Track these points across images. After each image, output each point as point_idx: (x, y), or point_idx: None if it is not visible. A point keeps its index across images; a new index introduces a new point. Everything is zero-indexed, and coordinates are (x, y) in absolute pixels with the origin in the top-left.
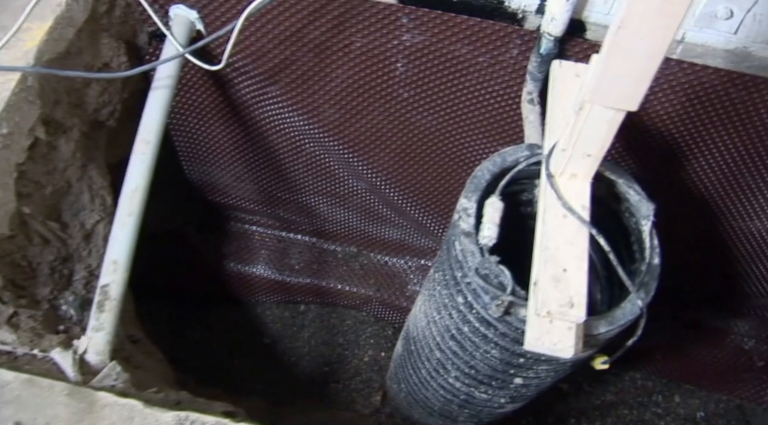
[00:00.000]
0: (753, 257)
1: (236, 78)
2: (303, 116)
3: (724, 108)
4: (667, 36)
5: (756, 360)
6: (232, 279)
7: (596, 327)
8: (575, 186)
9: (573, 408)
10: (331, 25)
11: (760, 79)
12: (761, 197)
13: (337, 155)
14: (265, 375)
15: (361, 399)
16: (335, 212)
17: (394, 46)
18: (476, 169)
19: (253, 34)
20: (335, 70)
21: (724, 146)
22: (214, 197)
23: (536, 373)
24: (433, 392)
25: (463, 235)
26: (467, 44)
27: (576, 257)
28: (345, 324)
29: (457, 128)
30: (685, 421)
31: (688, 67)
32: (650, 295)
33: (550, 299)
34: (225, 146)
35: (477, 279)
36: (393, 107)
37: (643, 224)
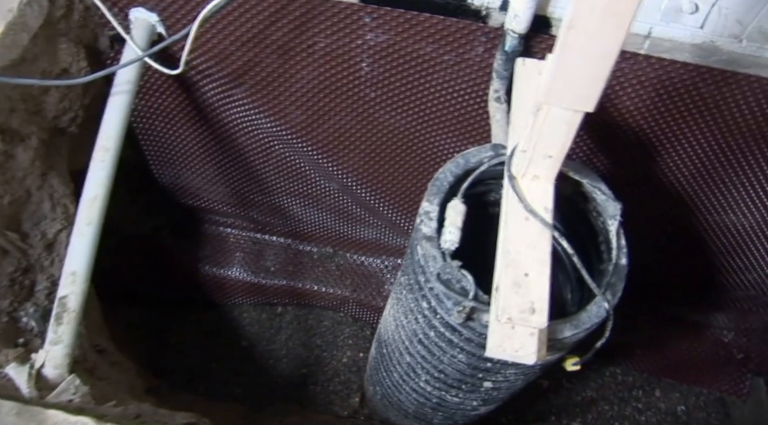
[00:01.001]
0: (729, 250)
1: (201, 81)
2: (270, 118)
3: (694, 103)
4: (619, 36)
5: (735, 352)
6: (208, 282)
7: (561, 331)
8: (538, 188)
9: (553, 405)
10: (293, 26)
11: (729, 73)
12: (734, 191)
13: (306, 157)
14: (243, 378)
15: (340, 400)
16: (309, 213)
17: (357, 46)
18: (438, 171)
19: (215, 37)
20: (300, 71)
21: (695, 141)
22: (187, 200)
23: (505, 377)
24: (406, 395)
25: (425, 239)
26: (431, 43)
27: (538, 261)
28: (323, 325)
29: (427, 127)
30: (665, 415)
31: (656, 62)
32: (617, 296)
33: (511, 305)
34: (194, 149)
35: (438, 285)
36: (360, 107)
37: (610, 224)
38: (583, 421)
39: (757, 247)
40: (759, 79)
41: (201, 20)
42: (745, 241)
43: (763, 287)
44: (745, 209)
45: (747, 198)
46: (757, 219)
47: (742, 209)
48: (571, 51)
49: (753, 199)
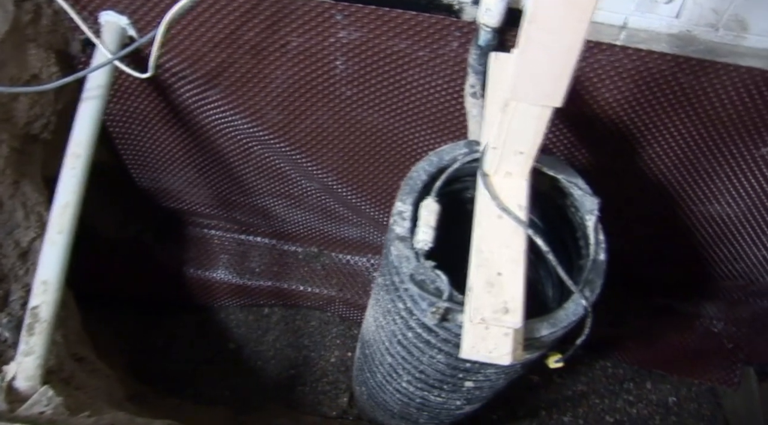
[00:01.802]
0: (716, 240)
1: (175, 83)
2: (246, 119)
3: (673, 93)
4: (580, 29)
5: (725, 342)
6: (193, 285)
7: (538, 330)
8: (511, 185)
9: (543, 399)
10: (264, 26)
11: (707, 62)
12: (718, 181)
13: (285, 157)
14: (231, 381)
15: (328, 401)
16: (292, 213)
17: (331, 44)
18: (411, 169)
19: (186, 38)
20: (274, 71)
21: (677, 132)
22: (169, 203)
23: (486, 376)
24: (390, 395)
25: (398, 240)
26: (405, 39)
27: (511, 260)
28: (310, 326)
29: (405, 124)
30: (657, 407)
31: (633, 53)
32: (596, 292)
33: (484, 306)
34: (172, 152)
35: (412, 286)
36: (337, 106)
37: (587, 219)
38: (574, 415)
39: (744, 236)
40: (737, 68)
41: (167, 23)
42: (731, 231)
43: (751, 277)
44: (729, 199)
45: (731, 188)
46: (742, 209)
47: (726, 199)
48: (534, 46)
49: (737, 188)
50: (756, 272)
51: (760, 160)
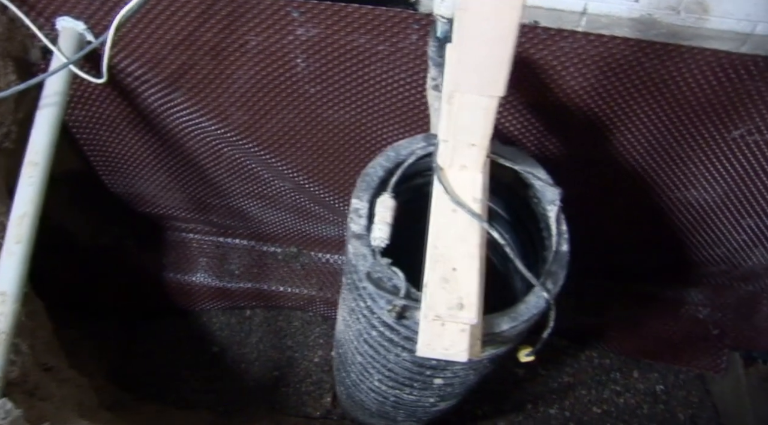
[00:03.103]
0: (695, 226)
1: (139, 87)
2: (212, 120)
3: (639, 78)
4: (514, 15)
5: (711, 328)
6: (174, 290)
7: (498, 325)
8: (466, 178)
9: (529, 393)
10: (222, 26)
11: (671, 46)
12: (692, 166)
13: (255, 157)
14: (215, 384)
15: (312, 401)
16: (269, 213)
17: (290, 42)
18: (368, 165)
19: (145, 41)
20: (236, 71)
21: (647, 118)
22: (144, 208)
23: (454, 373)
24: (366, 394)
25: (354, 237)
26: (364, 34)
27: (467, 254)
28: (292, 326)
29: (372, 119)
30: (645, 396)
31: (595, 38)
32: (559, 284)
33: (438, 302)
34: (142, 156)
35: (368, 284)
36: (302, 104)
37: (549, 210)
38: (561, 407)
39: (722, 221)
40: (702, 51)
41: (116, 26)
42: (710, 216)
43: (734, 262)
44: (705, 184)
45: (706, 173)
46: (719, 193)
47: (702, 184)
48: (469, 34)
49: (712, 173)
50: (738, 256)
51: (732, 144)
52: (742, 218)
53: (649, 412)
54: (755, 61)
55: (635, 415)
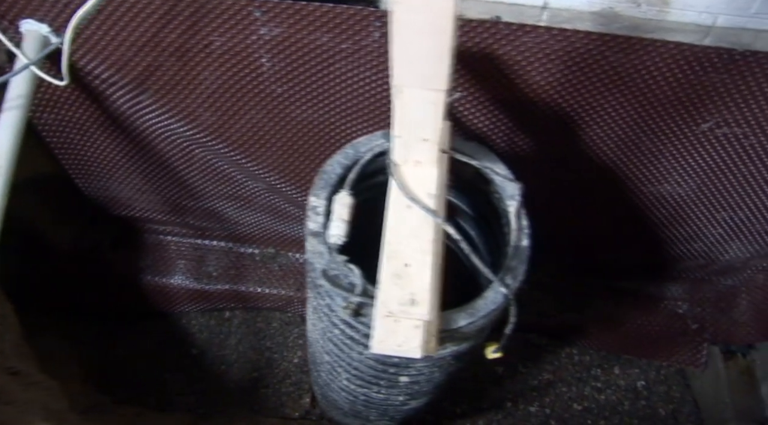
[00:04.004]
0: (671, 220)
1: (107, 90)
2: (181, 122)
3: (605, 72)
4: (447, 9)
5: (690, 323)
6: (153, 292)
7: (455, 321)
8: (421, 174)
9: (509, 391)
10: (185, 27)
11: (635, 39)
12: (664, 160)
13: (226, 158)
14: (195, 386)
15: (291, 402)
16: (244, 215)
17: (253, 42)
18: (325, 163)
19: (110, 44)
20: (201, 72)
21: (615, 112)
22: (120, 211)
23: (418, 370)
24: (337, 394)
25: (311, 235)
26: (326, 32)
27: (420, 250)
28: (271, 327)
29: (339, 118)
30: (626, 392)
31: (558, 33)
32: (518, 280)
33: (390, 298)
34: (115, 159)
35: (324, 281)
36: (269, 103)
37: (509, 204)
38: (541, 404)
39: (697, 215)
40: (665, 44)
41: (74, 27)
42: (684, 210)
43: (711, 256)
44: (678, 178)
45: (678, 167)
46: (692, 187)
47: (675, 179)
48: (405, 28)
49: (684, 167)
50: (715, 250)
51: (702, 137)
52: (716, 212)
53: (630, 408)
54: (719, 54)
55: (616, 411)
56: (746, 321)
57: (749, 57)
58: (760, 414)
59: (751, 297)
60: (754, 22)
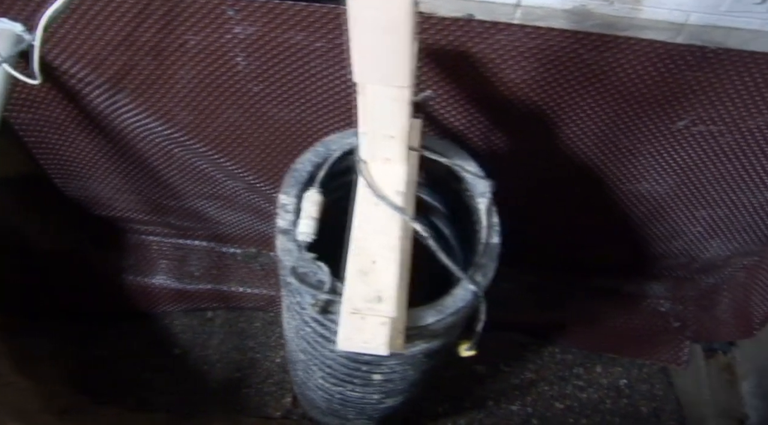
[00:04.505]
0: (650, 218)
1: (83, 89)
2: (158, 121)
3: (579, 70)
4: (404, 4)
5: (672, 321)
6: (134, 293)
7: (423, 318)
8: (389, 171)
9: (491, 390)
10: (160, 26)
11: (608, 37)
12: (641, 158)
13: (205, 157)
14: (177, 386)
15: (273, 402)
16: (225, 214)
17: (228, 41)
18: (296, 161)
19: (85, 42)
20: (177, 71)
21: (591, 110)
22: (101, 211)
23: (390, 368)
24: (314, 392)
25: (281, 233)
26: (300, 31)
27: (386, 247)
28: (254, 327)
29: (317, 117)
30: (608, 391)
31: (532, 31)
32: (488, 277)
33: (356, 295)
34: (94, 159)
35: (292, 279)
36: (246, 103)
37: (480, 202)
38: (523, 403)
39: (677, 213)
40: (639, 42)
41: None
42: (663, 208)
43: (692, 254)
44: (656, 176)
45: (655, 164)
46: (670, 185)
47: (653, 176)
48: (362, 23)
49: (661, 165)
50: (695, 248)
51: (678, 135)
52: (695, 210)
53: (612, 406)
54: (692, 52)
55: (598, 410)
56: (727, 319)
57: (722, 55)
58: (740, 410)
59: (732, 295)
60: (726, 20)
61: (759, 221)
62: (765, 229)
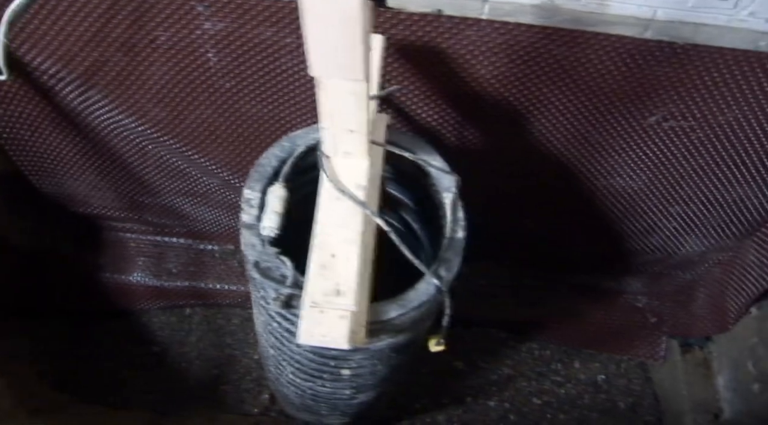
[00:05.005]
0: (626, 214)
1: (56, 85)
2: (132, 117)
3: (549, 66)
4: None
5: (649, 316)
6: (113, 290)
7: (386, 312)
8: (351, 165)
9: (469, 386)
10: (130, 22)
11: (577, 32)
12: (614, 154)
13: (178, 153)
14: (157, 384)
15: (251, 398)
16: (202, 211)
17: (198, 37)
18: (261, 156)
19: (55, 38)
20: (149, 67)
21: (562, 106)
22: (77, 208)
23: (358, 363)
24: (287, 388)
25: (245, 227)
26: (270, 27)
27: (347, 240)
28: (232, 324)
29: (290, 113)
30: (586, 386)
31: (500, 26)
32: (453, 272)
33: (316, 289)
34: (69, 156)
35: (255, 273)
36: (218, 99)
37: (445, 197)
38: (500, 399)
39: (651, 209)
40: (608, 37)
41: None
42: (638, 204)
43: (668, 250)
44: (630, 172)
45: (629, 160)
46: (644, 181)
47: (627, 172)
48: (313, 16)
49: (635, 160)
50: (672, 244)
51: (650, 130)
52: (669, 206)
53: (590, 402)
54: (660, 47)
55: (576, 405)
56: (704, 314)
57: (690, 50)
58: (715, 405)
59: (708, 291)
60: (693, 16)
61: (733, 218)
62: (739, 225)
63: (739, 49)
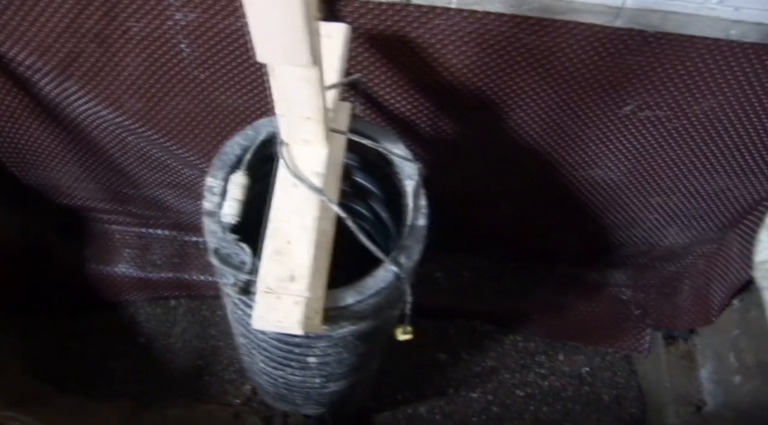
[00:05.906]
0: (607, 206)
1: (32, 76)
2: (109, 109)
3: (521, 55)
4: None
5: (633, 309)
6: (98, 282)
7: (343, 298)
8: (308, 152)
9: (452, 378)
10: (102, 12)
11: (546, 21)
12: (591, 144)
13: (158, 145)
14: (142, 375)
15: (234, 389)
16: (185, 203)
17: (170, 27)
18: (225, 144)
19: (29, 29)
20: (123, 58)
21: (536, 95)
22: (61, 200)
23: (322, 351)
24: (260, 377)
25: (207, 215)
26: (240, 17)
27: (301, 227)
28: (216, 315)
29: (264, 103)
30: (570, 379)
31: (469, 15)
32: (413, 259)
33: (270, 274)
34: (50, 147)
35: (214, 260)
36: (194, 90)
37: (407, 184)
38: (483, 391)
39: (632, 201)
40: (578, 26)
41: None
42: (619, 195)
43: (651, 242)
44: (608, 162)
45: (606, 150)
46: (623, 172)
47: (605, 163)
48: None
49: (612, 151)
50: (654, 236)
51: (625, 120)
52: (650, 197)
53: (573, 394)
54: (631, 35)
55: (559, 398)
56: (688, 307)
57: (661, 39)
58: (698, 397)
59: (692, 283)
60: (661, 4)
61: (714, 209)
62: (721, 216)
63: (710, 37)
